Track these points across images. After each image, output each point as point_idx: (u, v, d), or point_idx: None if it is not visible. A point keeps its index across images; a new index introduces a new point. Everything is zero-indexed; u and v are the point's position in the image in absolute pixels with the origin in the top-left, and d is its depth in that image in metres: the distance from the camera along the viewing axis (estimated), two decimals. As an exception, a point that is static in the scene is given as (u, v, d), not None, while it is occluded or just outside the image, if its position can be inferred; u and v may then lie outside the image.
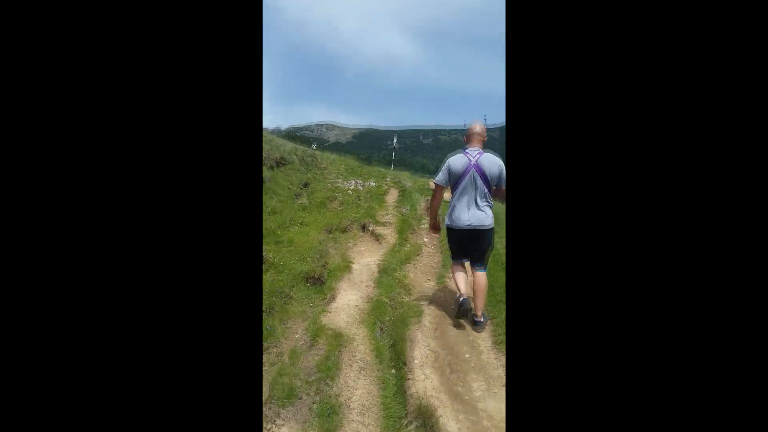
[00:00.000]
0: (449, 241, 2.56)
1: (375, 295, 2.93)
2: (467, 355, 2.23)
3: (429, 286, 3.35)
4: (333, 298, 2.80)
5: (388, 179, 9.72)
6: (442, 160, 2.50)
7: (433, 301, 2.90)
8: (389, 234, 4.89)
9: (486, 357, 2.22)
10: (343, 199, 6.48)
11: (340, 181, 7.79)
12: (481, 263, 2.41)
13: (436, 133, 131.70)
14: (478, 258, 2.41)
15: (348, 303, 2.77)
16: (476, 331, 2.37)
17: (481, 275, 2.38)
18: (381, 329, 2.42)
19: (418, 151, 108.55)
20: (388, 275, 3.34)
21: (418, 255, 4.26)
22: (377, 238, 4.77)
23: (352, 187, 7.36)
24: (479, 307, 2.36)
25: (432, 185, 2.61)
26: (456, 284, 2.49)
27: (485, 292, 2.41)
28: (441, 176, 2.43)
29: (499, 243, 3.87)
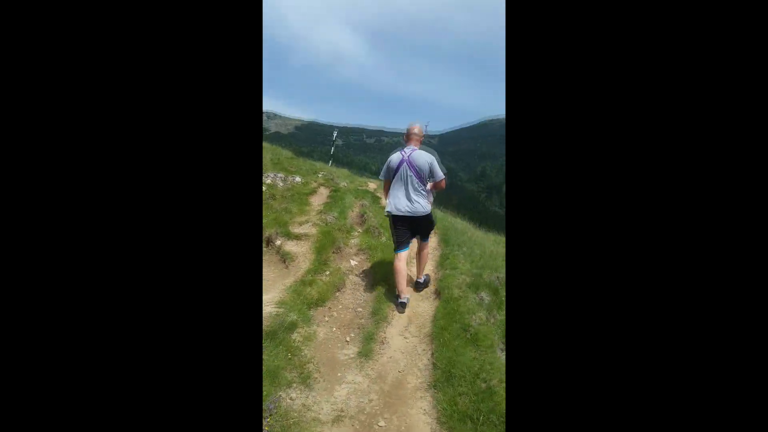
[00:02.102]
0: (391, 228, 2.75)
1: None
2: None
3: (348, 357, 2.01)
4: None
5: (320, 175, 8.22)
6: (383, 161, 2.83)
7: (347, 410, 1.57)
8: (303, 252, 3.46)
9: None
10: (250, 198, 4.88)
11: (254, 173, 6.14)
12: (424, 237, 2.79)
13: (379, 133, 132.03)
14: (422, 236, 2.78)
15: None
16: (416, 290, 2.88)
17: (424, 244, 2.80)
18: None
19: (362, 150, 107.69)
20: (276, 342, 1.93)
21: (340, 289, 2.92)
22: (285, 258, 3.32)
23: (267, 182, 5.75)
24: (421, 270, 2.89)
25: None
26: (396, 282, 2.65)
27: (426, 258, 2.89)
28: (383, 172, 2.77)
29: (497, 281, 2.67)
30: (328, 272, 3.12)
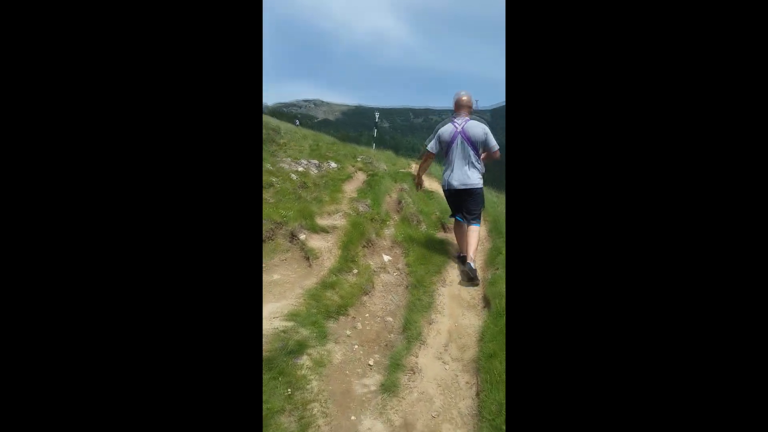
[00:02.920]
0: (447, 200, 2.77)
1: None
2: None
3: (368, 390, 1.57)
4: None
5: (359, 159, 7.81)
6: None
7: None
8: (329, 248, 3.06)
9: None
10: (281, 187, 4.58)
11: (287, 161, 5.84)
12: (475, 220, 2.61)
13: (426, 113, 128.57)
14: (473, 217, 2.60)
15: None
16: (461, 270, 2.58)
17: (475, 228, 2.59)
18: None
19: (409, 130, 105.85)
20: (274, 372, 1.53)
21: (368, 293, 2.47)
22: (308, 255, 2.94)
23: (299, 170, 5.45)
24: (470, 249, 2.51)
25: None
26: (458, 241, 2.76)
27: (477, 241, 2.61)
28: (431, 144, 2.63)
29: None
30: (355, 271, 2.69)
